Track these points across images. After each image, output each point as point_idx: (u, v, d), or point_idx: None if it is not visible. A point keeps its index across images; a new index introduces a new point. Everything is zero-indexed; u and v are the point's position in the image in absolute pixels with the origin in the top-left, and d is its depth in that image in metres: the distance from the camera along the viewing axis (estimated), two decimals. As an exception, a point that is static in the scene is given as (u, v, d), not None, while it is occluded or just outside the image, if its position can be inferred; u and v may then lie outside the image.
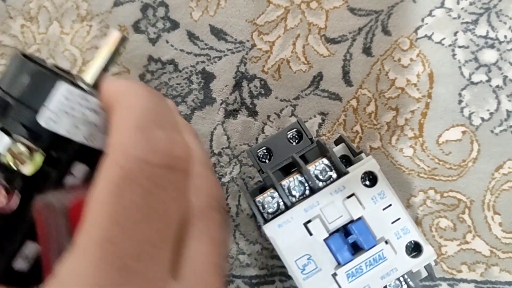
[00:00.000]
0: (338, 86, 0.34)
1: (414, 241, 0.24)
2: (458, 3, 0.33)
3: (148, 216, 0.17)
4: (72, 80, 0.22)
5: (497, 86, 0.33)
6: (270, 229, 0.24)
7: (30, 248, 0.23)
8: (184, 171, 0.18)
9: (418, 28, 0.33)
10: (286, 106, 0.34)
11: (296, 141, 0.28)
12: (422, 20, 0.33)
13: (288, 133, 0.28)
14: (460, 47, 0.33)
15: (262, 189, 0.28)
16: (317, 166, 0.25)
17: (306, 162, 0.27)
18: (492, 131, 0.33)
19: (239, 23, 0.34)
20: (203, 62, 0.34)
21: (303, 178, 0.25)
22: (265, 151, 0.28)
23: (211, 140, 0.34)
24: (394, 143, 0.34)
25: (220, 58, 0.34)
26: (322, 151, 0.26)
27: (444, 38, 0.33)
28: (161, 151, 0.18)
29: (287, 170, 0.28)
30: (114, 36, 0.23)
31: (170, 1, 0.34)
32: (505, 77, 0.33)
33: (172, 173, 0.18)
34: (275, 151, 0.28)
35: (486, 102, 0.33)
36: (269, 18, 0.34)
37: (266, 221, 0.24)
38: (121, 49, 0.23)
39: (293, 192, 0.25)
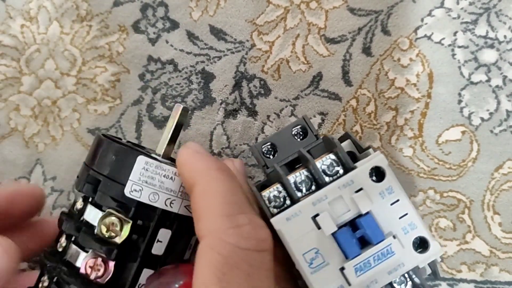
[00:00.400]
0: (337, 86, 0.34)
1: (420, 236, 0.24)
2: (457, 3, 0.33)
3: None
4: (146, 152, 0.25)
5: (497, 86, 0.33)
6: (278, 222, 0.24)
7: None
8: (269, 250, 0.22)
9: (417, 28, 0.33)
10: (286, 106, 0.34)
11: (301, 137, 0.28)
12: (422, 20, 0.33)
13: (293, 129, 0.28)
14: (459, 47, 0.33)
15: (263, 187, 0.28)
16: (324, 161, 0.25)
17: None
18: (491, 131, 0.33)
19: (238, 23, 0.34)
20: (202, 62, 0.34)
21: (309, 173, 0.25)
22: (269, 147, 0.28)
23: (210, 140, 0.34)
24: (393, 143, 0.34)
25: (219, 58, 0.34)
26: (329, 146, 0.26)
27: (443, 38, 0.33)
28: (249, 236, 0.21)
29: (291, 166, 0.28)
30: (177, 109, 0.26)
31: (170, 1, 0.34)
32: (505, 77, 0.33)
33: (261, 254, 0.21)
34: (280, 147, 0.28)
35: (486, 102, 0.33)
36: (268, 18, 0.34)
37: (272, 215, 0.24)
38: (185, 120, 0.26)
39: (300, 187, 0.25)
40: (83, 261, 0.24)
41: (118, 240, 0.24)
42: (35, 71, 0.34)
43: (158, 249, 0.25)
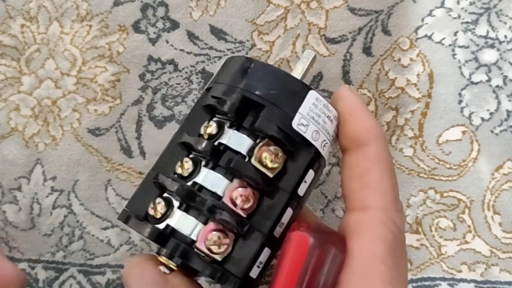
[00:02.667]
0: (338, 86, 0.34)
1: None
2: (458, 3, 0.33)
3: (406, 267, 0.23)
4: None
5: (497, 86, 0.33)
6: None
7: (265, 256, 0.22)
8: None
9: (418, 28, 0.33)
10: (286, 106, 0.34)
11: None
12: (422, 20, 0.33)
13: None
14: (460, 47, 0.33)
15: None
16: None
17: None
18: (492, 131, 0.33)
19: (239, 23, 0.34)
20: (203, 62, 0.34)
21: None
22: None
23: (211, 140, 0.34)
24: (394, 143, 0.34)
25: (220, 58, 0.34)
26: None
27: (444, 38, 0.33)
28: (404, 222, 0.23)
29: None
30: (309, 55, 0.25)
31: (170, 1, 0.34)
32: (505, 77, 0.33)
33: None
34: None
35: (486, 102, 0.33)
36: (269, 18, 0.34)
37: None
38: (311, 67, 0.26)
39: None
40: (229, 189, 0.22)
41: (272, 172, 0.22)
42: (35, 71, 0.34)
43: (302, 189, 0.23)
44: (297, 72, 0.25)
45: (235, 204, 0.21)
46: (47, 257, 0.34)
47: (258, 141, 0.22)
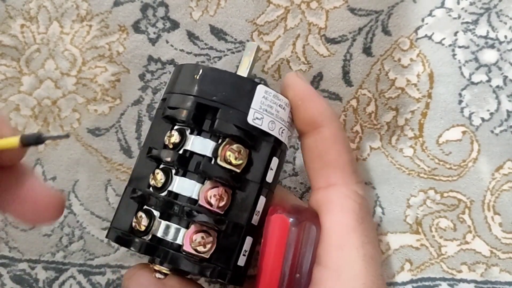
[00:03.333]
0: (338, 86, 0.34)
1: None
2: (458, 3, 0.33)
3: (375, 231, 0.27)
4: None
5: (497, 86, 0.33)
6: None
7: (248, 244, 0.25)
8: None
9: (418, 28, 0.33)
10: (286, 106, 0.34)
11: None
12: (422, 20, 0.33)
13: None
14: (460, 47, 0.33)
15: None
16: None
17: None
18: (492, 131, 0.33)
19: (239, 23, 0.34)
20: (203, 62, 0.34)
21: None
22: None
23: (211, 140, 0.34)
24: (394, 143, 0.34)
25: (220, 58, 0.34)
26: None
27: (444, 38, 0.33)
28: (365, 189, 0.26)
29: None
30: (252, 47, 0.26)
31: (170, 1, 0.34)
32: (505, 77, 0.33)
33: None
34: None
35: (486, 102, 0.33)
36: (269, 18, 0.34)
37: None
38: (257, 57, 0.27)
39: None
40: (202, 191, 0.23)
41: (239, 167, 0.24)
42: (35, 71, 0.34)
43: (270, 176, 0.25)
44: (244, 66, 0.26)
45: (210, 204, 0.23)
46: (47, 257, 0.34)
47: (220, 141, 0.24)
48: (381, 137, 0.34)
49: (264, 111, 0.24)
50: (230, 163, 0.23)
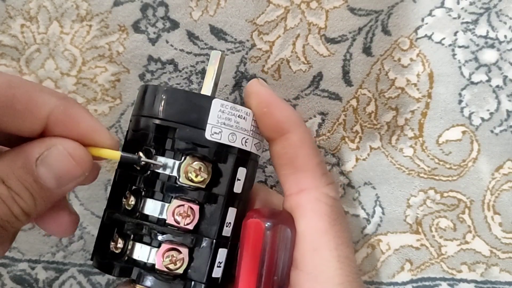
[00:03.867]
0: (338, 86, 0.34)
1: None
2: (458, 3, 0.33)
3: (350, 232, 0.25)
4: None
5: (497, 86, 0.33)
6: None
7: (222, 255, 0.25)
8: None
9: (418, 28, 0.33)
10: (286, 106, 0.34)
11: None
12: (422, 20, 0.33)
13: None
14: (460, 47, 0.33)
15: None
16: None
17: None
18: (492, 131, 0.33)
19: (239, 23, 0.34)
20: (203, 62, 0.34)
21: None
22: None
23: (211, 140, 0.34)
24: (394, 143, 0.34)
25: (220, 58, 0.34)
26: None
27: (444, 38, 0.33)
28: (337, 190, 0.26)
29: None
30: (216, 56, 0.26)
31: (170, 1, 0.34)
32: (505, 77, 0.33)
33: (341, 202, 0.27)
34: None
35: (486, 102, 0.33)
36: (269, 18, 0.34)
37: None
38: (222, 65, 0.27)
39: None
40: (169, 210, 0.24)
41: (203, 183, 0.24)
42: (35, 71, 0.34)
43: (238, 187, 0.25)
44: (210, 75, 0.26)
45: (178, 222, 0.24)
46: (47, 257, 0.34)
47: (182, 159, 0.24)
48: (381, 137, 0.34)
49: (223, 125, 0.24)
50: (192, 180, 0.24)
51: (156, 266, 0.24)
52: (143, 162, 0.24)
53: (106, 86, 0.34)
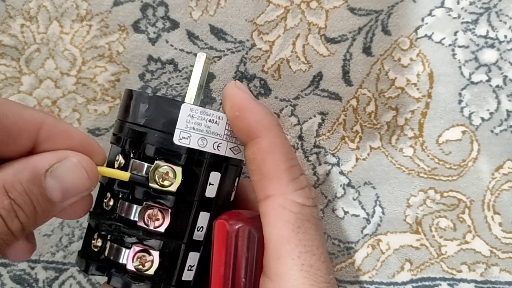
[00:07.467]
0: (338, 86, 0.34)
1: None
2: (458, 2, 0.33)
3: (321, 239, 0.24)
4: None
5: (497, 86, 0.33)
6: None
7: (193, 259, 0.26)
8: (318, 206, 0.26)
9: (418, 28, 0.33)
10: (286, 106, 0.34)
11: None
12: (422, 19, 0.33)
13: None
14: (460, 46, 0.33)
15: None
16: None
17: None
18: (492, 131, 0.33)
19: (239, 23, 0.34)
20: (203, 61, 0.34)
21: None
22: None
23: (211, 140, 0.34)
24: (394, 143, 0.34)
25: (220, 57, 0.34)
26: None
27: (444, 38, 0.33)
28: (309, 196, 0.25)
29: None
30: (201, 57, 0.26)
31: (170, 1, 0.34)
32: (505, 77, 0.33)
33: (316, 209, 0.25)
34: None
35: (486, 102, 0.33)
36: (269, 18, 0.34)
37: None
38: (208, 68, 0.27)
39: None
40: (140, 213, 0.25)
41: (173, 188, 0.24)
42: (35, 71, 0.34)
43: (210, 192, 0.25)
44: (196, 77, 0.26)
45: (147, 225, 0.24)
46: (47, 257, 0.34)
47: (152, 164, 0.25)
48: (381, 137, 0.34)
49: (192, 129, 0.24)
50: (161, 185, 0.24)
51: (127, 267, 0.25)
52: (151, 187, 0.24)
53: (106, 86, 0.34)
